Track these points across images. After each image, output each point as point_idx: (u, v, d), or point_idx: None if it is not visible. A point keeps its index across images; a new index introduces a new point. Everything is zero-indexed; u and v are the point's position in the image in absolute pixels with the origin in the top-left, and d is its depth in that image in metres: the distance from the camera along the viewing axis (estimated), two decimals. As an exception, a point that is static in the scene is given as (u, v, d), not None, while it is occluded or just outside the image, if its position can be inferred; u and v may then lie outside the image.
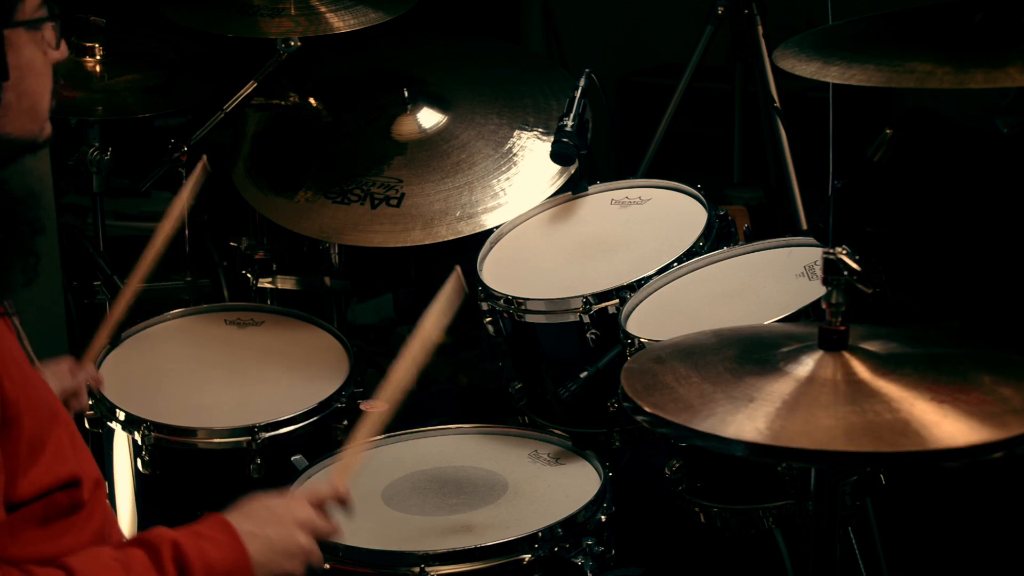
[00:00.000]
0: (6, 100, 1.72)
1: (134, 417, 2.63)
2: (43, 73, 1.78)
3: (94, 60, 3.22)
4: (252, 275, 3.33)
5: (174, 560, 1.73)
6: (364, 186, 3.07)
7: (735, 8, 3.53)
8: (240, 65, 3.32)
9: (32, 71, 1.76)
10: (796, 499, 2.25)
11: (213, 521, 1.82)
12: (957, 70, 1.70)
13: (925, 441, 1.55)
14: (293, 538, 1.84)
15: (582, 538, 2.23)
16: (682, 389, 1.72)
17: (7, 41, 1.71)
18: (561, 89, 3.18)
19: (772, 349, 1.77)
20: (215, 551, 1.77)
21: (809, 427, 1.59)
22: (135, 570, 1.71)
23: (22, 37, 1.74)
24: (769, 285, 2.48)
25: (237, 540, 1.79)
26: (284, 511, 1.86)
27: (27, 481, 1.70)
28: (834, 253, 1.70)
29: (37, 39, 1.76)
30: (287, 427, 2.62)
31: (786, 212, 3.41)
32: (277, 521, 1.84)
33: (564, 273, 2.74)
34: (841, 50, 1.81)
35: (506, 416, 2.86)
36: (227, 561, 1.77)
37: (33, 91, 1.76)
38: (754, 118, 3.75)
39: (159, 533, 1.77)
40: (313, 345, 2.92)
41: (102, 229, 3.34)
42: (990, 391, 1.64)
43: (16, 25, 1.72)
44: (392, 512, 2.35)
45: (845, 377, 1.68)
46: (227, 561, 1.77)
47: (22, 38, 1.74)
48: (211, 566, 1.76)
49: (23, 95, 1.75)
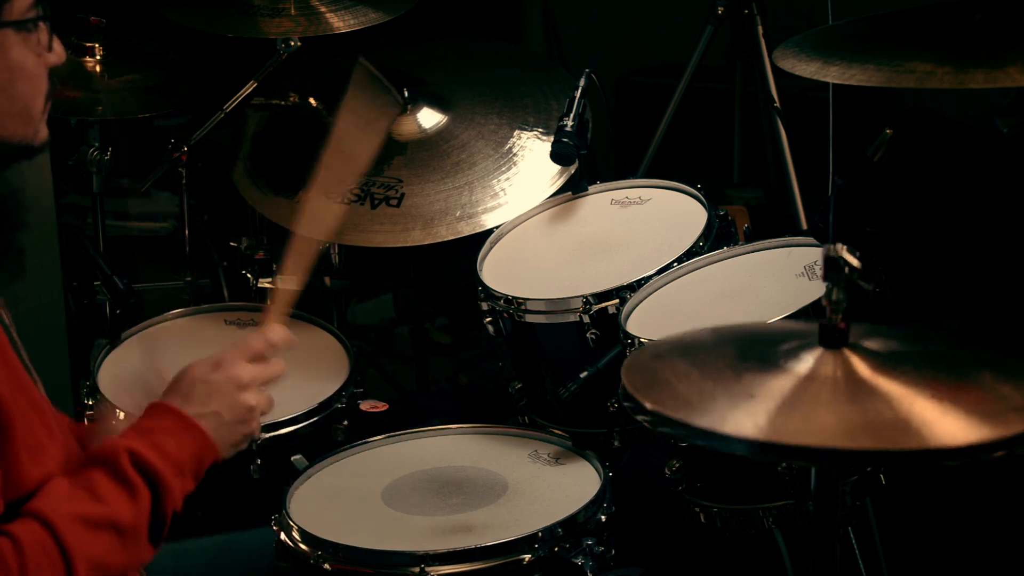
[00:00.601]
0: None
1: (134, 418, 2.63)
2: (35, 75, 1.77)
3: (94, 60, 3.22)
4: (252, 275, 3.33)
5: (137, 470, 1.70)
6: (364, 186, 3.07)
7: (735, 8, 3.53)
8: (240, 65, 3.32)
9: (22, 73, 1.74)
10: (796, 499, 2.25)
11: (159, 412, 1.78)
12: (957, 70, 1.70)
13: (925, 439, 1.55)
14: (240, 403, 1.81)
15: (582, 538, 2.23)
16: (682, 386, 1.71)
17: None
18: (561, 89, 3.17)
19: (772, 346, 1.77)
20: (173, 443, 1.74)
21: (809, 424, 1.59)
22: (100, 494, 1.68)
23: (11, 38, 1.73)
24: (769, 285, 2.48)
25: (192, 424, 1.76)
26: (223, 379, 1.81)
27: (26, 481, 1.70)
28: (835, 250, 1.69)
29: (29, 41, 1.75)
30: (287, 427, 2.62)
31: (786, 212, 3.41)
32: (218, 392, 1.80)
33: (564, 273, 2.74)
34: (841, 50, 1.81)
35: (506, 416, 2.86)
36: (189, 449, 1.75)
37: (23, 94, 1.75)
38: (754, 118, 3.75)
39: (111, 445, 1.72)
40: (313, 345, 2.92)
41: (102, 229, 3.34)
42: (991, 389, 1.64)
43: (4, 25, 1.72)
44: (392, 512, 2.35)
45: (845, 375, 1.68)
46: (189, 449, 1.75)
47: (11, 39, 1.73)
48: (176, 460, 1.73)
49: (13, 98, 1.74)
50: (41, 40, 1.77)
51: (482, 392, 4.05)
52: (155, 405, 1.80)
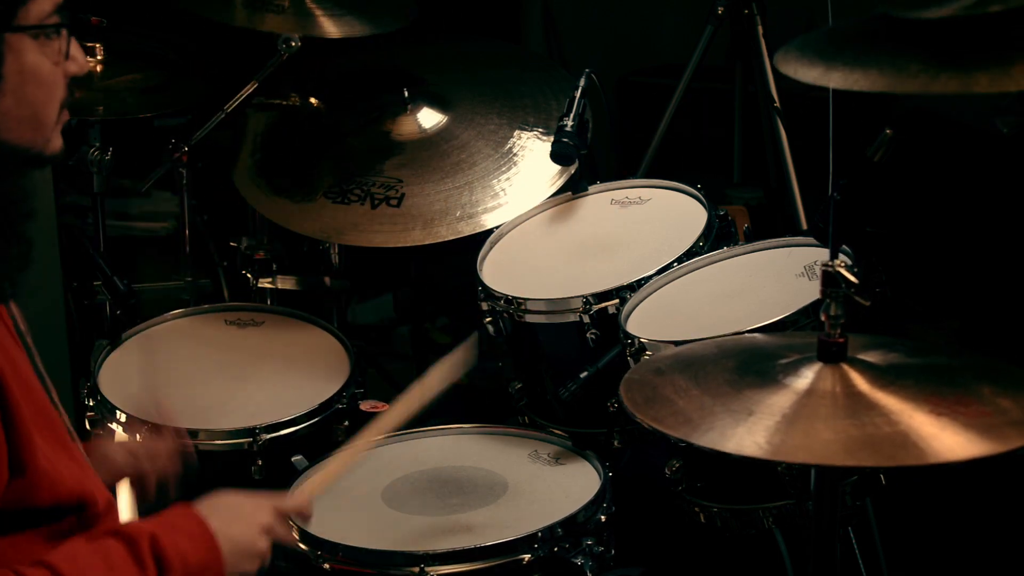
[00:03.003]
0: (4, 106, 1.70)
1: (135, 418, 2.63)
2: (50, 83, 1.76)
3: (94, 60, 3.21)
4: (252, 275, 3.33)
5: (152, 554, 1.73)
6: (364, 186, 3.07)
7: (735, 8, 3.53)
8: (240, 65, 3.32)
9: (35, 79, 1.74)
10: (796, 499, 2.25)
11: (186, 514, 1.82)
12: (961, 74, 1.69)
13: (924, 454, 1.55)
14: (255, 540, 1.86)
15: (582, 538, 2.23)
16: (682, 402, 1.72)
17: (7, 45, 1.69)
18: (561, 89, 3.17)
19: (771, 361, 1.77)
20: (190, 546, 1.77)
21: (808, 440, 1.59)
22: (115, 565, 1.71)
23: (26, 43, 1.72)
24: (769, 285, 2.48)
25: (211, 537, 1.80)
26: (249, 512, 1.88)
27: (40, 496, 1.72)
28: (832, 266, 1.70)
29: (46, 47, 1.75)
30: (288, 428, 2.62)
31: (786, 212, 3.41)
32: (242, 521, 1.86)
33: (564, 273, 2.74)
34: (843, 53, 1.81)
35: (506, 416, 2.86)
36: (201, 557, 1.78)
37: (34, 99, 1.74)
38: (754, 118, 3.75)
39: (136, 526, 1.77)
40: (313, 345, 2.92)
41: (102, 229, 3.34)
42: (989, 403, 1.64)
43: (18, 30, 1.71)
44: (392, 512, 2.35)
45: (844, 389, 1.68)
46: (201, 557, 1.78)
47: (26, 44, 1.72)
48: (187, 561, 1.76)
49: (22, 102, 1.73)
50: (60, 48, 1.76)
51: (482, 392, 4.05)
52: (188, 510, 1.84)
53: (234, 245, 3.40)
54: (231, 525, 1.84)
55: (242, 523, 1.85)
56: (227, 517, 1.84)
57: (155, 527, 1.77)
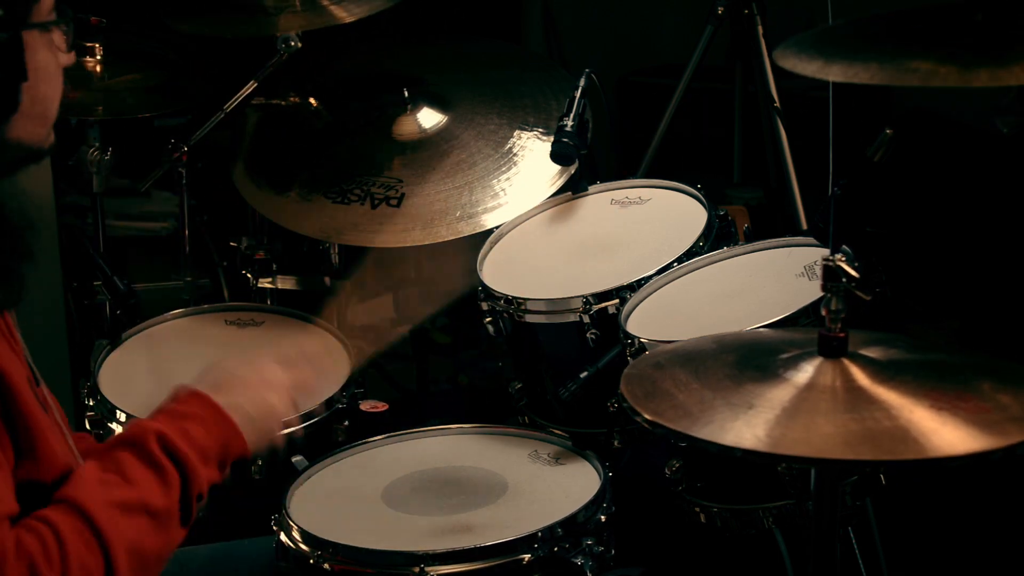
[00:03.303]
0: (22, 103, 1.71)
1: (135, 418, 2.63)
2: (55, 77, 1.77)
3: (94, 60, 3.22)
4: (252, 275, 3.33)
5: (165, 453, 1.70)
6: (364, 186, 3.07)
7: (735, 8, 3.53)
8: (240, 65, 3.32)
9: (46, 75, 1.74)
10: (796, 499, 2.25)
11: (190, 397, 1.79)
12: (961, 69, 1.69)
13: (924, 449, 1.55)
14: (267, 401, 1.83)
15: (582, 538, 2.23)
16: (682, 395, 1.72)
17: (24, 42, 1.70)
18: (561, 89, 3.17)
19: (772, 355, 1.77)
20: (201, 430, 1.74)
21: (808, 434, 1.59)
22: (132, 478, 1.68)
23: (36, 39, 1.73)
24: (769, 285, 2.48)
25: (221, 412, 1.76)
26: (253, 375, 1.84)
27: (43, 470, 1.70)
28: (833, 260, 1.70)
29: (49, 42, 1.75)
30: (288, 428, 2.61)
31: (786, 212, 3.41)
32: (247, 385, 1.82)
33: (564, 273, 2.74)
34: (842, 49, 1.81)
35: (506, 416, 2.86)
36: (217, 437, 1.76)
37: (45, 96, 1.75)
38: (754, 118, 3.75)
39: (141, 427, 1.73)
40: (313, 345, 2.92)
41: (102, 229, 3.34)
42: (989, 398, 1.64)
43: (32, 27, 1.71)
44: (392, 512, 2.35)
45: (844, 384, 1.68)
46: (217, 437, 1.76)
47: (36, 40, 1.73)
48: (203, 446, 1.74)
49: (36, 99, 1.73)
50: (57, 42, 1.76)
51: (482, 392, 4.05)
52: (185, 389, 1.80)
53: (234, 245, 3.41)
54: (235, 392, 1.80)
55: (247, 387, 1.82)
56: (230, 385, 1.81)
57: (160, 424, 1.73)
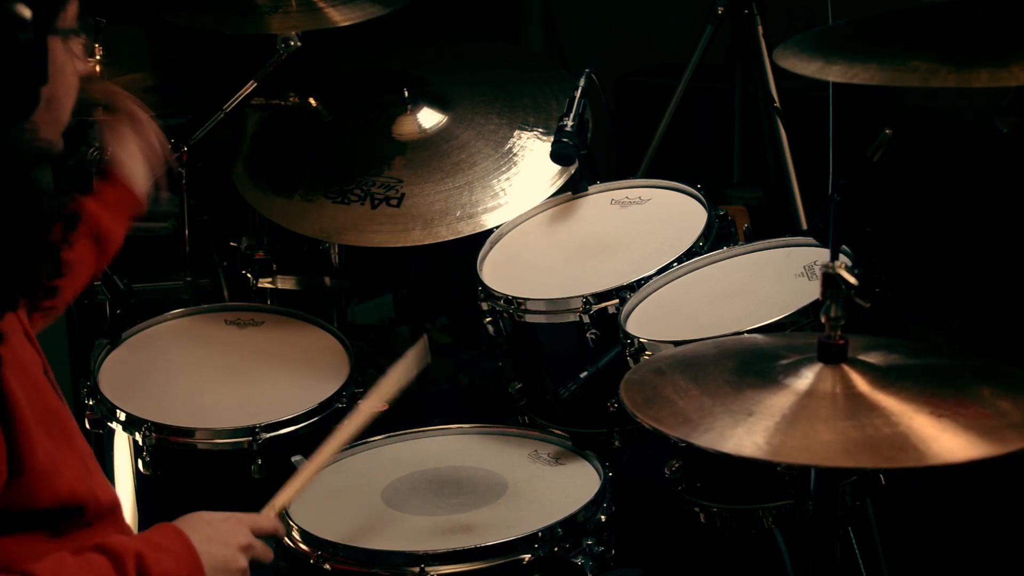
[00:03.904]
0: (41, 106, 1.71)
1: (135, 418, 2.63)
2: (71, 83, 1.78)
3: (94, 60, 3.21)
4: (252, 275, 3.33)
5: (137, 571, 1.76)
6: (364, 186, 3.07)
7: (735, 8, 3.53)
8: (240, 65, 3.32)
9: (63, 80, 1.76)
10: (796, 499, 2.25)
11: (168, 532, 1.86)
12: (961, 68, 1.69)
13: (923, 456, 1.55)
14: (234, 558, 1.89)
15: (582, 538, 2.23)
16: (682, 402, 1.72)
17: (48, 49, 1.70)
18: (561, 89, 3.17)
19: (771, 361, 1.77)
20: (174, 564, 1.81)
21: (808, 441, 1.59)
22: None
23: (58, 45, 1.73)
24: (769, 285, 2.48)
25: (194, 555, 1.84)
26: (226, 531, 1.91)
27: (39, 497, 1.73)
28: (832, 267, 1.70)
29: (69, 49, 1.76)
30: (288, 427, 2.62)
31: (786, 212, 3.41)
32: (220, 540, 1.89)
33: (564, 273, 2.74)
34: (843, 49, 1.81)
35: (506, 416, 2.86)
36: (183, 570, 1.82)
37: (62, 100, 1.77)
38: (754, 118, 3.75)
39: (120, 541, 1.79)
40: (313, 345, 2.92)
41: (102, 229, 3.33)
42: (989, 404, 1.64)
43: (57, 33, 1.72)
44: (392, 512, 2.35)
45: (844, 390, 1.68)
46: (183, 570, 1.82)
47: (58, 46, 1.73)
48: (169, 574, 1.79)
49: (53, 103, 1.74)
50: (76, 49, 1.77)
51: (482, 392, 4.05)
52: (170, 527, 1.87)
53: (234, 245, 3.40)
54: (211, 543, 1.87)
55: (220, 541, 1.88)
56: (206, 535, 1.87)
57: (139, 545, 1.79)
